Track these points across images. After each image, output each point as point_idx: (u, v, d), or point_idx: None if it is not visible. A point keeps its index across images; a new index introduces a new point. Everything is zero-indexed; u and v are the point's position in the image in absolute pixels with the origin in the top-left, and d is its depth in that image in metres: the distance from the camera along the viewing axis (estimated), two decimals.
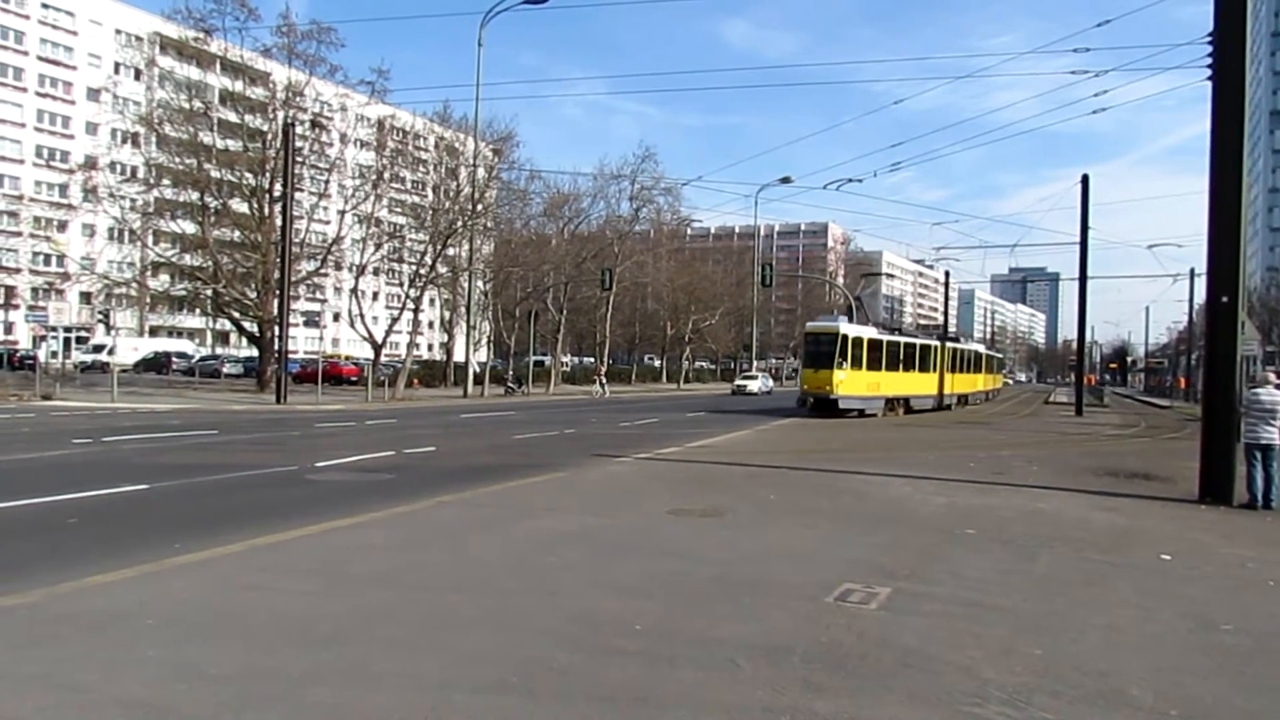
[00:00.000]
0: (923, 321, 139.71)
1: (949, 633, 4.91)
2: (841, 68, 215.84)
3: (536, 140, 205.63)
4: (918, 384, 32.41)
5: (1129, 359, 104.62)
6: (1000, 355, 66.75)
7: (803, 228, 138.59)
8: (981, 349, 46.19)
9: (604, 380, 46.64)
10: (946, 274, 70.44)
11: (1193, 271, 50.71)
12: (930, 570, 6.54)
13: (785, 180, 50.76)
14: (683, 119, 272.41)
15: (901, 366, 30.67)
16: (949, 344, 37.17)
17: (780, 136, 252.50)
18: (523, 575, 6.14)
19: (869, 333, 29.20)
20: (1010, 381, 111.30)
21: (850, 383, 27.43)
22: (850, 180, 33.81)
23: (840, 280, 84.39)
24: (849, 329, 27.80)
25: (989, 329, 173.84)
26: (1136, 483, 12.63)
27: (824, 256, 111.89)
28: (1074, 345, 51.27)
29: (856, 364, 27.52)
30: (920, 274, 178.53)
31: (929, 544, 7.57)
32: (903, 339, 32.20)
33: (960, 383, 38.07)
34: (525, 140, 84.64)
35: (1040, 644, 4.76)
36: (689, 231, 76.63)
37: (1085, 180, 33.97)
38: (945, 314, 71.78)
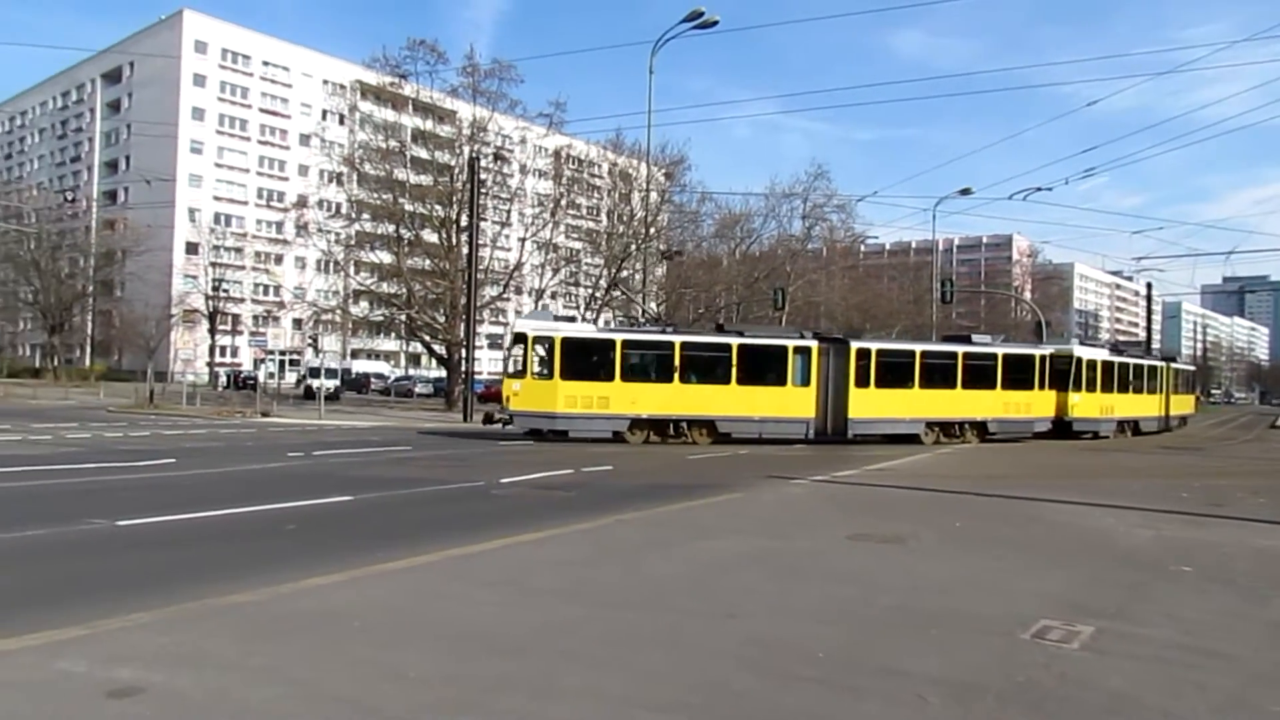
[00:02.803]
0: (1121, 337, 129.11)
1: (1165, 679, 4.48)
2: (1023, 72, 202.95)
3: (707, 162, 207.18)
4: (748, 401, 22.83)
5: None
6: (1187, 368, 46.07)
7: (984, 241, 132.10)
8: (1085, 351, 29.19)
9: None
10: (1149, 286, 64.78)
11: None
12: (1140, 609, 6.00)
13: (965, 192, 48.64)
14: (855, 134, 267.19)
15: (697, 377, 22.79)
16: (948, 348, 26.23)
17: (959, 147, 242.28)
18: (699, 595, 6.15)
19: (577, 330, 22.55)
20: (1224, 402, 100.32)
21: (530, 395, 21.52)
22: (1037, 189, 32.24)
23: (1028, 295, 79.57)
24: (531, 326, 22.01)
25: (1199, 344, 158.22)
26: None
27: (1008, 270, 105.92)
28: None
29: (543, 370, 21.80)
30: (1118, 285, 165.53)
31: (1136, 580, 6.95)
32: (700, 338, 23.84)
33: (943, 403, 25.06)
34: (696, 163, 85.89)
35: (1277, 699, 4.25)
36: (863, 248, 74.66)
37: None
38: (1148, 329, 66.02)
